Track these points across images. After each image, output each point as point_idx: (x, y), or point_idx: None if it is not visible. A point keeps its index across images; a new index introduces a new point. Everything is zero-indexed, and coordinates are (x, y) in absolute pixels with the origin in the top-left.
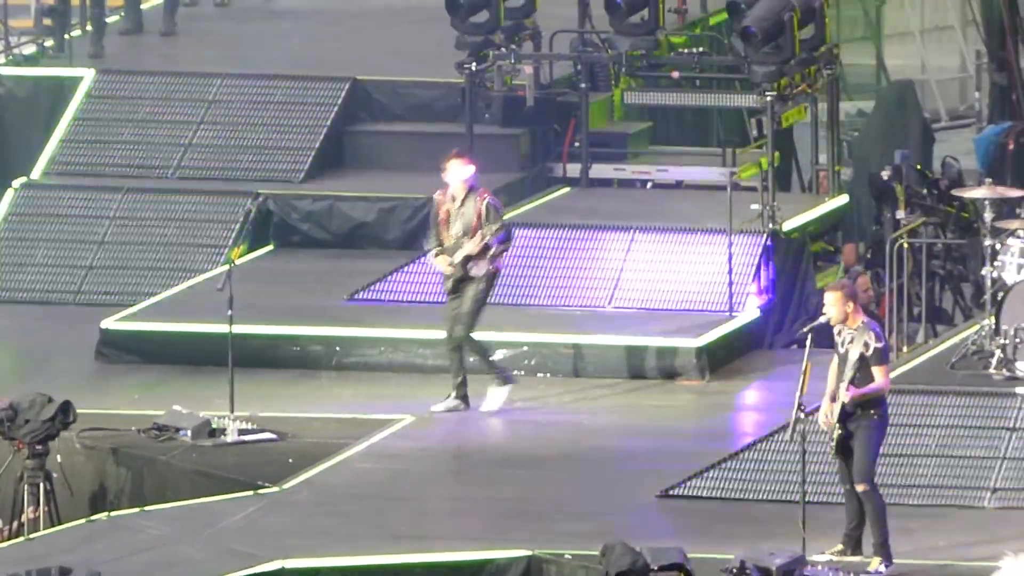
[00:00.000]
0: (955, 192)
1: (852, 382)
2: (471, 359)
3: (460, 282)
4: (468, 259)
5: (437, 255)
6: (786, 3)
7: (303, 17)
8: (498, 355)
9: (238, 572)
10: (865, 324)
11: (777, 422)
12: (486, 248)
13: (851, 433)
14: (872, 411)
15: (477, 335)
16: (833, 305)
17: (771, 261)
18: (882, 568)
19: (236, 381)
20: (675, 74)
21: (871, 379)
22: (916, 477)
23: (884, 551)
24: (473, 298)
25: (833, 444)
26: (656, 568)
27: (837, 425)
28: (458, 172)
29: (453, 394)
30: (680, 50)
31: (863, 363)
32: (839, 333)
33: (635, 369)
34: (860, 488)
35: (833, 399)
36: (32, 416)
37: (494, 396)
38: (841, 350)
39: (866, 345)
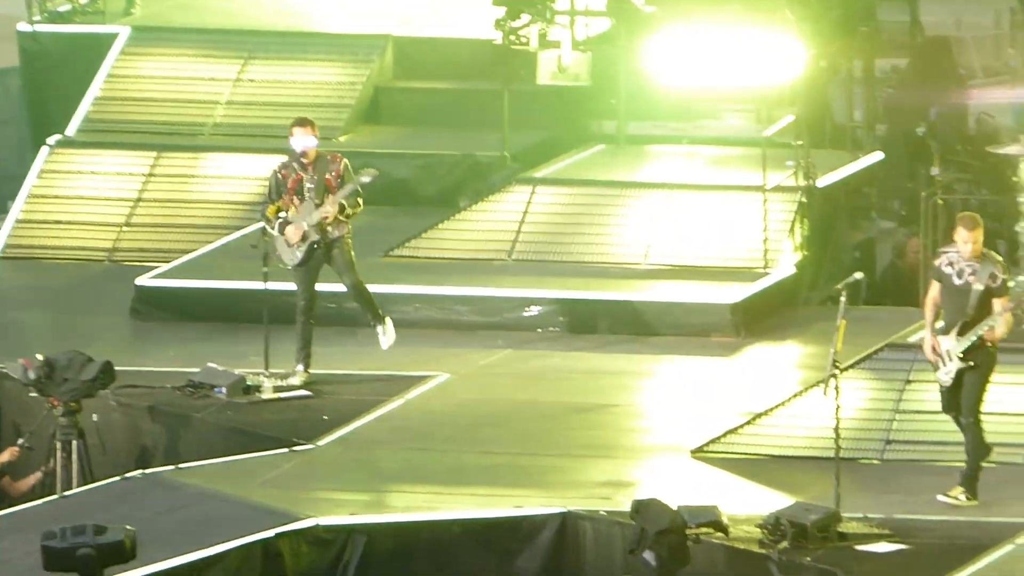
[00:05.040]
0: (989, 148)
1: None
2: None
3: (318, 248)
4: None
5: (285, 226)
6: None
7: None
8: (533, 311)
9: (273, 529)
10: (987, 253)
11: (811, 378)
12: (342, 209)
13: (973, 365)
14: (990, 344)
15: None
16: (977, 241)
17: (806, 217)
18: (962, 498)
19: (271, 338)
20: None
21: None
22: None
23: (971, 485)
24: (350, 262)
25: (952, 377)
26: (694, 526)
27: (960, 356)
28: (304, 140)
29: (302, 366)
30: None
31: (987, 294)
32: (950, 264)
33: (669, 326)
34: (971, 420)
35: (946, 332)
36: (71, 375)
37: (385, 336)
38: (958, 281)
39: (992, 277)
